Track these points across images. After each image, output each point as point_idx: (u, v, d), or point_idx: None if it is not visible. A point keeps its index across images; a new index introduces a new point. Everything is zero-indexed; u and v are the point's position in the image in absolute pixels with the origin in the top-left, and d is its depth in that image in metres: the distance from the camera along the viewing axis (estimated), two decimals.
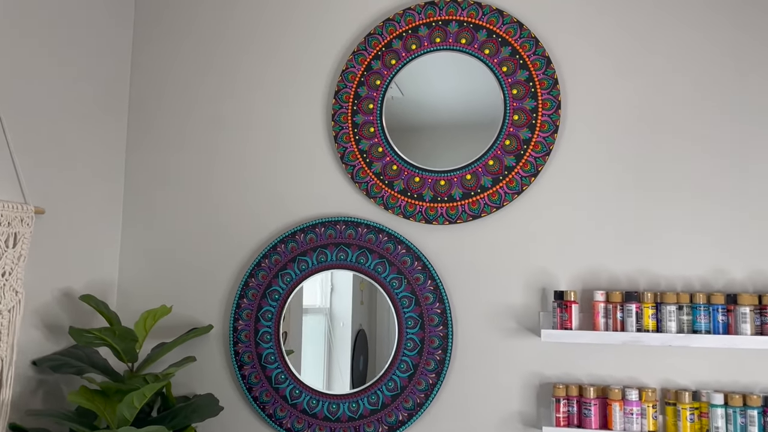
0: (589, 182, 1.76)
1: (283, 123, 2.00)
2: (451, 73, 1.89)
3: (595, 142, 1.77)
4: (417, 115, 1.89)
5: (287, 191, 1.97)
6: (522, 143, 1.79)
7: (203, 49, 2.10)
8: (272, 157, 1.99)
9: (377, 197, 1.87)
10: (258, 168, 2.00)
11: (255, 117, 2.03)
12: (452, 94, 1.88)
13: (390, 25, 1.95)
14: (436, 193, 1.83)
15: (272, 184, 1.98)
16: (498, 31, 1.86)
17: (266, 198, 1.98)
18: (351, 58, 1.96)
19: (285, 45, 2.04)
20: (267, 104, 2.02)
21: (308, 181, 1.96)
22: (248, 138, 2.02)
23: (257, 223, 1.97)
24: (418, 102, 1.89)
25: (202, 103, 2.07)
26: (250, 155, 2.01)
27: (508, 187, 1.78)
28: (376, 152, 1.90)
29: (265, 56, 2.05)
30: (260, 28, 2.06)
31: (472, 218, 1.79)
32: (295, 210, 1.95)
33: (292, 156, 1.98)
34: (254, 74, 2.05)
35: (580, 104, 1.80)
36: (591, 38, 1.81)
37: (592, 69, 1.80)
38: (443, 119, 1.87)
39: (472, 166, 1.82)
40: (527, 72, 1.82)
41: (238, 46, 2.08)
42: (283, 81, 2.02)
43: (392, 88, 1.87)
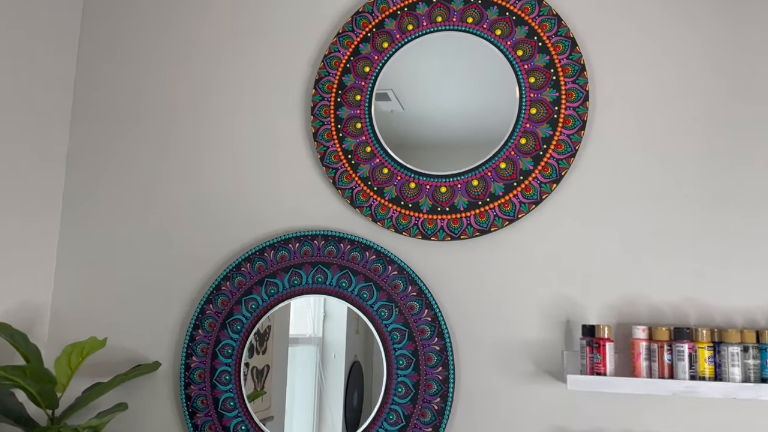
0: (625, 190, 1.42)
1: (252, 115, 1.67)
2: (455, 58, 1.56)
3: (631, 141, 1.44)
4: (420, 130, 1.56)
5: (255, 198, 1.63)
6: (541, 142, 1.46)
7: (158, 26, 1.78)
8: (237, 156, 1.66)
9: (364, 206, 1.54)
10: (219, 169, 1.66)
11: (216, 106, 1.70)
12: (456, 87, 1.55)
13: (382, 2, 1.63)
14: (435, 202, 1.50)
15: (237, 189, 1.64)
16: (512, 8, 1.54)
17: (229, 205, 1.64)
18: (335, 41, 1.64)
19: (257, 24, 1.72)
20: (231, 93, 1.70)
21: (281, 185, 1.62)
22: (207, 131, 1.69)
23: (217, 237, 1.63)
24: (420, 116, 1.56)
25: (155, 86, 1.75)
26: (209, 152, 1.68)
27: (524, 196, 1.45)
28: (364, 152, 1.57)
29: (232, 36, 1.73)
30: (226, 3, 1.75)
31: (480, 233, 1.46)
32: (264, 221, 1.61)
33: (261, 155, 1.65)
34: (216, 56, 1.73)
35: (612, 95, 1.47)
36: (626, 14, 1.49)
37: (628, 52, 1.47)
38: (446, 127, 1.55)
39: (479, 169, 1.48)
40: (547, 56, 1.49)
41: (197, 23, 1.76)
42: (252, 65, 1.70)
43: (391, 100, 1.54)
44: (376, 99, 1.55)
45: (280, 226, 1.60)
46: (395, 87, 1.58)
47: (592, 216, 1.43)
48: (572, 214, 1.44)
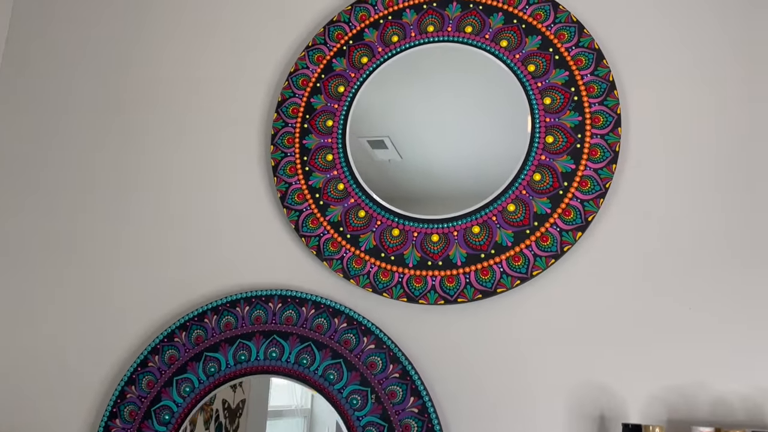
0: (671, 241, 1.09)
1: (198, 143, 1.36)
2: (450, 75, 1.26)
3: (676, 176, 1.12)
4: (412, 174, 1.24)
5: (195, 247, 1.29)
6: (560, 178, 1.13)
7: (99, 32, 1.49)
8: (175, 192, 1.33)
9: (334, 259, 1.20)
10: (151, 209, 1.33)
11: (154, 129, 1.38)
12: (452, 111, 1.24)
13: (361, 10, 1.33)
14: (425, 254, 1.16)
15: (172, 235, 1.31)
16: (521, 14, 1.24)
17: (161, 257, 1.30)
18: (303, 55, 1.33)
19: (209, 33, 1.42)
20: (174, 113, 1.38)
21: (229, 232, 1.29)
22: (139, 160, 1.37)
23: (145, 298, 1.28)
24: (418, 166, 1.24)
25: (78, 108, 1.43)
26: (138, 188, 1.35)
27: (539, 247, 1.11)
28: (335, 190, 1.24)
29: (178, 41, 1.43)
30: (172, 7, 1.46)
31: (483, 295, 1.11)
32: (206, 277, 1.27)
33: (206, 193, 1.32)
34: (158, 63, 1.42)
35: (651, 119, 1.15)
36: (664, 21, 1.19)
37: (669, 66, 1.16)
38: (439, 165, 1.23)
39: (482, 212, 1.15)
40: (566, 72, 1.19)
41: (137, 23, 1.46)
42: (202, 81, 1.39)
43: (388, 148, 1.23)
44: (373, 147, 1.23)
45: (226, 284, 1.26)
46: (390, 129, 1.27)
47: (629, 274, 1.09)
48: (603, 272, 1.10)
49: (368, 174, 1.23)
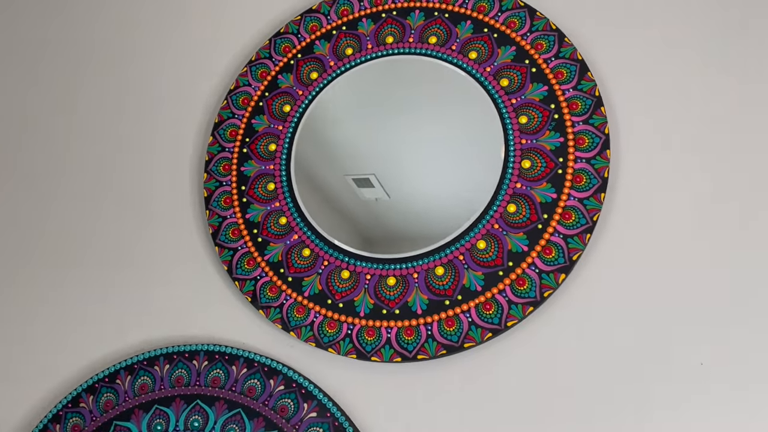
0: (672, 287, 0.90)
1: (122, 166, 1.17)
2: (410, 91, 1.09)
3: (676, 208, 0.93)
4: (402, 220, 1.06)
5: (110, 292, 1.10)
6: (539, 210, 0.95)
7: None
8: (87, 224, 1.14)
9: (271, 307, 1.01)
10: (60, 245, 1.14)
11: (70, 145, 1.20)
12: (411, 133, 1.06)
13: (312, 20, 1.17)
14: (379, 301, 0.97)
15: (83, 279, 1.11)
16: (492, 23, 1.08)
17: (67, 303, 1.10)
18: (245, 71, 1.17)
19: (137, 46, 1.25)
20: (93, 130, 1.20)
21: (148, 274, 1.09)
22: (54, 185, 1.18)
23: (45, 352, 1.08)
24: (406, 204, 1.06)
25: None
26: (43, 218, 1.16)
27: (514, 292, 0.92)
28: (276, 225, 1.06)
29: (96, 51, 1.26)
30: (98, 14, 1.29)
31: (447, 351, 0.92)
32: (119, 327, 1.07)
33: (124, 228, 1.13)
34: (78, 78, 1.25)
35: (644, 140, 0.98)
36: (657, 26, 1.02)
37: (664, 78, 0.99)
38: (397, 200, 1.05)
39: (446, 250, 0.97)
40: (545, 87, 1.02)
41: (62, 29, 1.29)
42: (127, 95, 1.22)
43: (374, 187, 1.05)
44: (359, 186, 1.05)
45: (146, 336, 1.06)
46: (373, 165, 1.09)
47: (622, 326, 0.90)
48: (592, 324, 0.91)
49: (356, 214, 1.05)
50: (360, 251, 1.00)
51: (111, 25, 1.29)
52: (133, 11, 1.29)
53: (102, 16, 1.30)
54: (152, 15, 1.28)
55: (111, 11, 1.30)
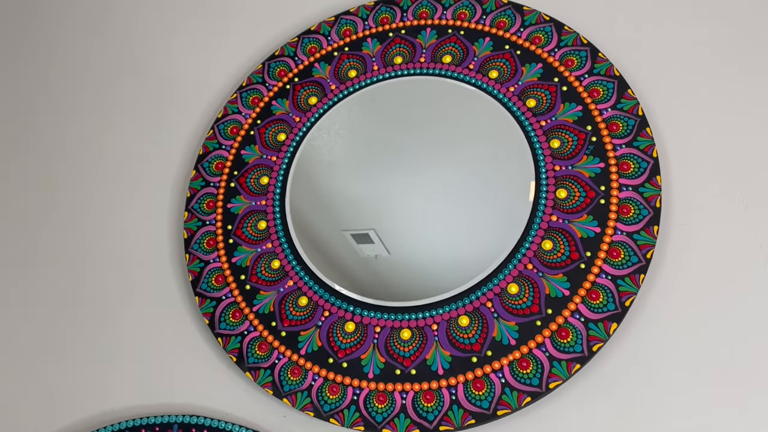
0: (742, 333, 0.74)
1: (102, 215, 1.02)
2: (425, 117, 0.95)
3: (741, 237, 0.78)
4: (404, 274, 0.91)
5: (62, 352, 0.93)
6: (581, 247, 0.80)
7: None
8: (58, 272, 0.98)
9: (261, 368, 0.83)
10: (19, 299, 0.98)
11: (58, 186, 1.05)
12: (428, 164, 0.92)
13: (311, 42, 1.05)
14: (391, 358, 0.80)
15: (46, 337, 0.94)
16: (515, 39, 0.96)
17: (26, 378, 0.93)
18: (235, 97, 1.03)
19: (122, 78, 1.12)
20: (75, 177, 1.06)
21: (116, 330, 0.93)
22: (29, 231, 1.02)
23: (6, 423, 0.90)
24: (407, 260, 0.90)
25: None
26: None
27: (556, 346, 0.76)
28: (268, 270, 0.90)
29: (78, 83, 1.12)
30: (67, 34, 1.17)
31: (477, 420, 0.74)
32: (76, 395, 0.89)
33: (87, 273, 0.97)
34: (66, 114, 1.11)
35: (700, 161, 0.83)
36: (704, 33, 0.90)
37: (719, 91, 0.86)
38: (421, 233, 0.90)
39: (472, 296, 0.81)
40: (579, 106, 0.88)
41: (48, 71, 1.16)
42: (106, 125, 1.08)
43: (374, 243, 0.90)
44: (358, 242, 0.90)
45: (104, 407, 0.88)
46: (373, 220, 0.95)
47: (688, 383, 0.73)
48: (652, 382, 0.74)
49: (355, 273, 0.89)
50: (367, 299, 0.84)
51: (91, 59, 1.17)
52: (116, 37, 1.17)
53: (82, 48, 1.18)
54: (135, 43, 1.16)
55: (93, 42, 1.18)
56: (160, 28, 1.16)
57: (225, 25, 1.12)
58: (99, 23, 1.19)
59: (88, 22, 1.20)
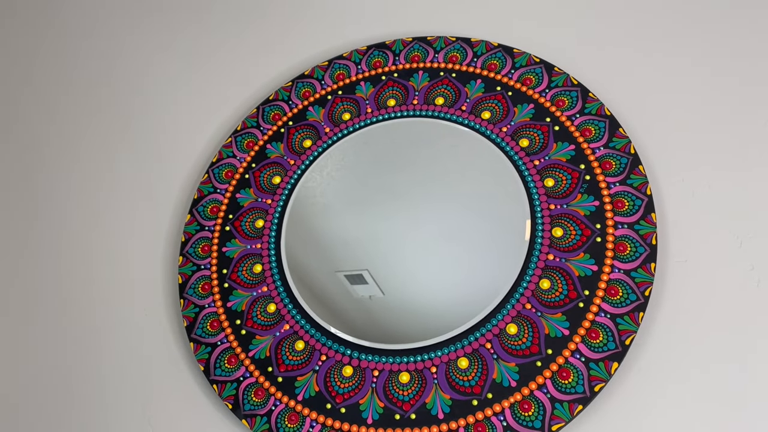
0: (748, 363, 0.73)
1: (82, 251, 1.01)
2: (418, 157, 0.96)
3: (742, 270, 0.78)
4: (399, 315, 0.91)
5: (63, 401, 0.90)
6: (578, 285, 0.80)
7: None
8: (48, 322, 0.96)
9: (257, 415, 0.82)
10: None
11: (46, 243, 1.04)
12: (425, 205, 0.92)
13: (305, 86, 1.06)
14: (390, 403, 0.78)
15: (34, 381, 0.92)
16: (506, 81, 0.97)
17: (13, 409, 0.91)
18: (230, 141, 1.04)
19: (114, 125, 1.13)
20: (58, 216, 1.05)
21: (106, 378, 0.91)
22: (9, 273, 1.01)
23: None
24: (400, 298, 0.90)
25: None
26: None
27: (557, 387, 0.75)
28: (264, 314, 0.89)
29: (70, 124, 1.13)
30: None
31: None
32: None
33: (81, 323, 0.95)
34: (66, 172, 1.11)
35: (694, 198, 0.84)
36: (694, 69, 0.91)
37: (709, 124, 0.87)
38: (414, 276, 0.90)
39: (470, 337, 0.80)
40: (571, 145, 0.89)
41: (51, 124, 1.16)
42: (97, 179, 1.08)
43: (368, 283, 0.89)
44: (351, 283, 0.89)
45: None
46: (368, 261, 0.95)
47: (695, 421, 0.72)
48: (657, 421, 0.73)
49: (348, 314, 0.88)
50: (364, 342, 0.83)
51: (92, 108, 1.18)
52: (105, 84, 1.18)
53: (85, 98, 1.19)
54: (128, 88, 1.17)
55: (99, 91, 1.19)
56: (153, 79, 1.17)
57: (219, 70, 1.14)
58: (103, 75, 1.20)
59: (93, 74, 1.21)
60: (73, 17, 1.27)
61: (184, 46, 1.18)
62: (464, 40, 1.02)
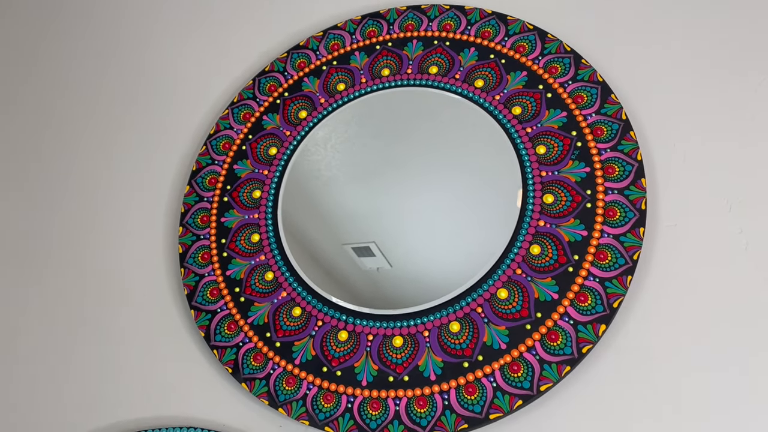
0: (732, 326, 0.74)
1: (85, 224, 1.04)
2: (412, 124, 0.97)
3: (729, 235, 0.79)
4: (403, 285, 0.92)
5: (62, 369, 0.94)
6: (568, 250, 0.81)
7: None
8: (49, 295, 0.99)
9: (256, 378, 0.84)
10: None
11: (61, 219, 1.06)
12: (415, 172, 0.93)
13: (300, 57, 1.07)
14: (384, 365, 0.81)
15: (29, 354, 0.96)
16: (499, 48, 0.97)
17: (22, 391, 0.94)
18: (226, 113, 1.05)
19: (114, 96, 1.14)
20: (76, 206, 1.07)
21: (113, 345, 0.94)
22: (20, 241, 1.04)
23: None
24: (407, 271, 0.91)
25: None
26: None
27: (546, 349, 0.76)
28: (261, 282, 0.91)
29: (69, 96, 1.14)
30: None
31: (469, 425, 0.75)
32: (71, 411, 0.90)
33: (85, 289, 0.98)
34: (71, 154, 1.13)
35: (684, 162, 0.84)
36: (684, 35, 0.91)
37: (700, 94, 0.87)
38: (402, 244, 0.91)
39: (461, 302, 0.82)
40: (563, 112, 0.90)
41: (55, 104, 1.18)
42: (97, 149, 1.10)
43: (375, 255, 0.90)
44: (359, 255, 0.91)
45: (103, 422, 0.89)
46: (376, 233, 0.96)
47: (679, 384, 0.73)
48: (643, 382, 0.75)
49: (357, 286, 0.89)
50: (359, 307, 0.85)
51: (95, 80, 1.19)
52: (105, 56, 1.19)
53: (92, 71, 1.21)
54: (126, 61, 1.18)
55: (82, 58, 1.21)
56: (151, 52, 1.18)
57: (216, 44, 1.14)
58: (108, 45, 1.22)
59: (99, 43, 1.22)
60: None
61: (180, 19, 1.18)
62: (458, 7, 1.02)
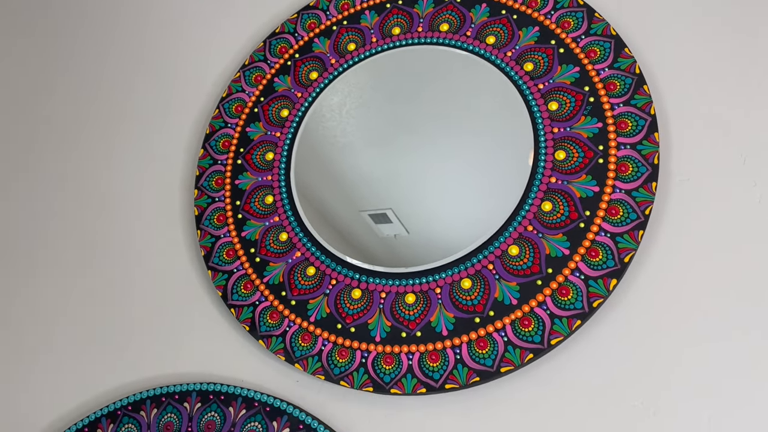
0: (741, 284, 0.74)
1: (102, 187, 1.06)
2: (424, 84, 0.96)
3: (741, 191, 0.78)
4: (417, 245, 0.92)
5: (90, 329, 0.97)
6: (580, 206, 0.81)
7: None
8: (71, 254, 1.02)
9: (273, 336, 0.87)
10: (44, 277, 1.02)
11: (69, 170, 1.09)
12: (426, 133, 0.93)
13: (310, 17, 1.06)
14: (397, 321, 0.82)
15: (52, 311, 0.99)
16: (510, 3, 0.96)
17: (47, 350, 0.98)
18: (238, 76, 1.06)
19: (125, 61, 1.15)
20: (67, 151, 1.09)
21: (134, 304, 0.96)
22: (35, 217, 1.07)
23: (15, 407, 0.95)
24: (425, 234, 0.91)
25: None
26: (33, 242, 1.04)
27: (557, 304, 0.77)
28: (276, 242, 0.92)
29: (78, 65, 1.16)
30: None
31: (481, 378, 0.77)
32: (103, 368, 0.94)
33: (108, 251, 1.01)
34: (84, 94, 1.14)
35: (697, 116, 0.83)
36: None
37: (714, 46, 0.86)
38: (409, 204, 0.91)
39: (473, 259, 0.82)
40: (576, 68, 0.89)
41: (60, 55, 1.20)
42: (113, 115, 1.11)
43: (392, 222, 0.90)
44: (375, 222, 0.91)
45: (130, 377, 0.92)
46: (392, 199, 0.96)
47: (688, 337, 0.74)
48: (652, 336, 0.75)
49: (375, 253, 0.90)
50: (372, 266, 0.86)
51: (105, 52, 1.20)
52: (115, 24, 1.20)
53: (100, 39, 1.21)
54: (135, 28, 1.18)
55: (91, 23, 1.21)
56: (163, 17, 1.18)
57: (226, 6, 1.14)
58: (110, 17, 1.22)
59: (104, 13, 1.23)
60: None
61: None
62: None
